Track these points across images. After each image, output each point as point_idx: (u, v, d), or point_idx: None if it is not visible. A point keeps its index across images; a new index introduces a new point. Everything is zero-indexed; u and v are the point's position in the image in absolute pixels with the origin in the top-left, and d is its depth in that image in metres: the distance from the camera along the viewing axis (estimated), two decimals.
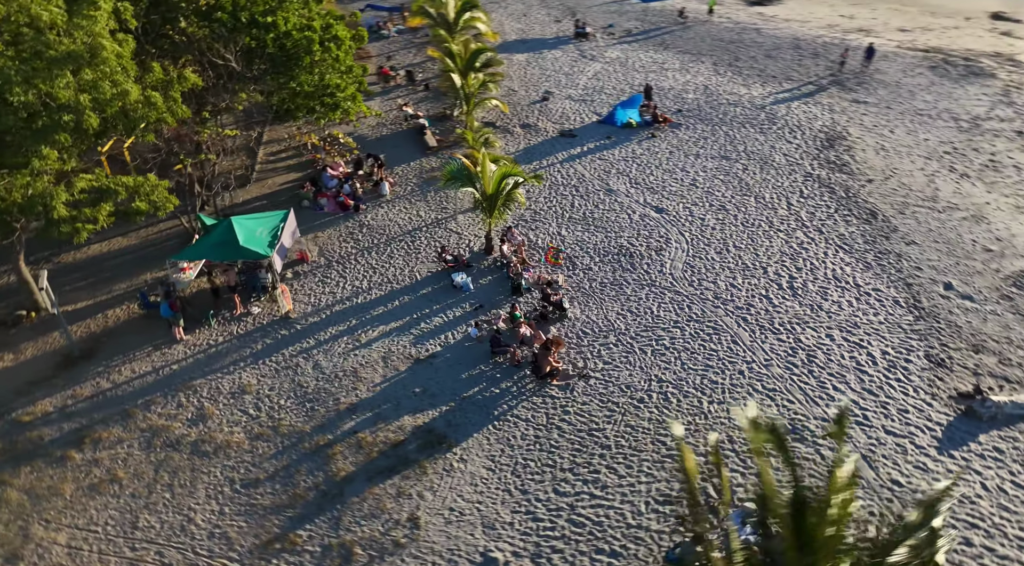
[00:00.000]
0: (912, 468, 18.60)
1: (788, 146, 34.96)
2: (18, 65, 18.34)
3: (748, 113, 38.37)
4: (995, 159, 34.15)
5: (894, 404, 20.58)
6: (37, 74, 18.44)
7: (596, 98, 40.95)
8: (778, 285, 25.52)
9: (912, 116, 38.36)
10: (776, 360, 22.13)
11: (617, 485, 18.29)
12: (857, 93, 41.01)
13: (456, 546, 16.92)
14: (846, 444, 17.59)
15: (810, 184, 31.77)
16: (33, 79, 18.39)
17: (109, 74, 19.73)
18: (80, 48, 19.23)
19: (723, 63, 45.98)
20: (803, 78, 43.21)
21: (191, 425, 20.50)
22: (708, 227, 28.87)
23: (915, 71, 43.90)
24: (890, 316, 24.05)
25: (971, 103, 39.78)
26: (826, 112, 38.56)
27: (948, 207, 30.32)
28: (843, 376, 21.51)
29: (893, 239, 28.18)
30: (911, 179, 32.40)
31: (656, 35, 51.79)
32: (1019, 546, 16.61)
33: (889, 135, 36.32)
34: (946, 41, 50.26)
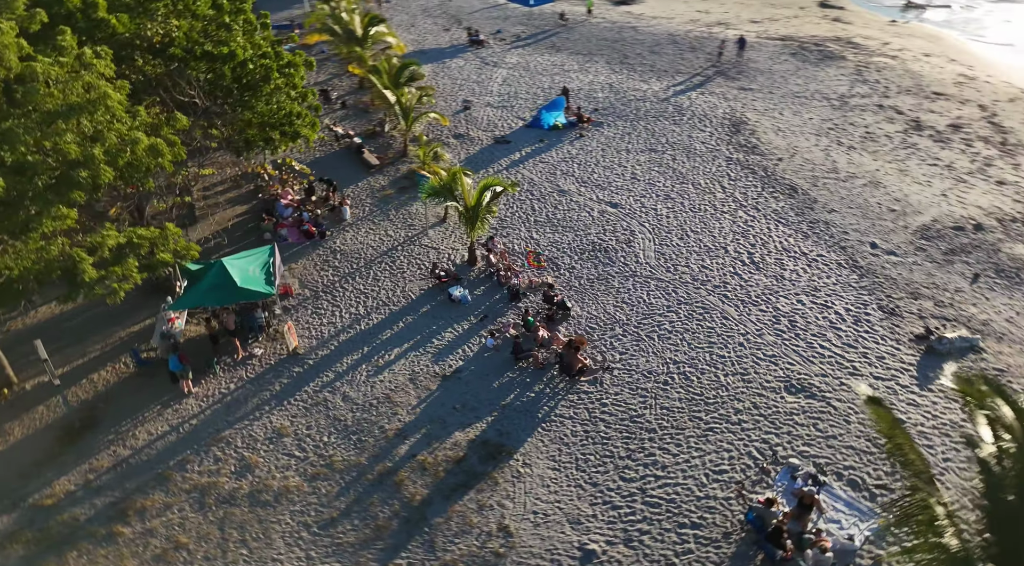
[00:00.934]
0: (907, 406, 21.08)
1: (703, 135, 37.52)
2: (24, 122, 16.55)
3: (657, 107, 40.68)
4: (869, 131, 38.37)
5: (872, 353, 23.11)
6: (41, 130, 16.73)
7: (514, 103, 41.81)
8: (741, 262, 27.66)
9: (792, 98, 42.21)
10: (765, 329, 24.14)
11: (674, 463, 19.44)
12: (740, 81, 44.47)
13: (552, 546, 17.41)
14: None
15: (733, 167, 34.38)
16: (38, 136, 16.67)
17: (114, 122, 18.21)
18: (80, 98, 17.62)
19: (615, 61, 48.22)
20: (690, 70, 46.23)
21: (238, 477, 19.51)
22: (662, 216, 30.63)
23: (780, 58, 48.14)
24: (839, 277, 26.78)
25: (834, 83, 44.28)
26: (722, 101, 41.60)
27: (849, 176, 33.86)
28: (824, 335, 23.84)
29: (816, 209, 31.19)
30: (811, 154, 35.82)
31: (544, 38, 53.33)
32: None
33: (780, 117, 39.82)
34: (792, 29, 55.32)
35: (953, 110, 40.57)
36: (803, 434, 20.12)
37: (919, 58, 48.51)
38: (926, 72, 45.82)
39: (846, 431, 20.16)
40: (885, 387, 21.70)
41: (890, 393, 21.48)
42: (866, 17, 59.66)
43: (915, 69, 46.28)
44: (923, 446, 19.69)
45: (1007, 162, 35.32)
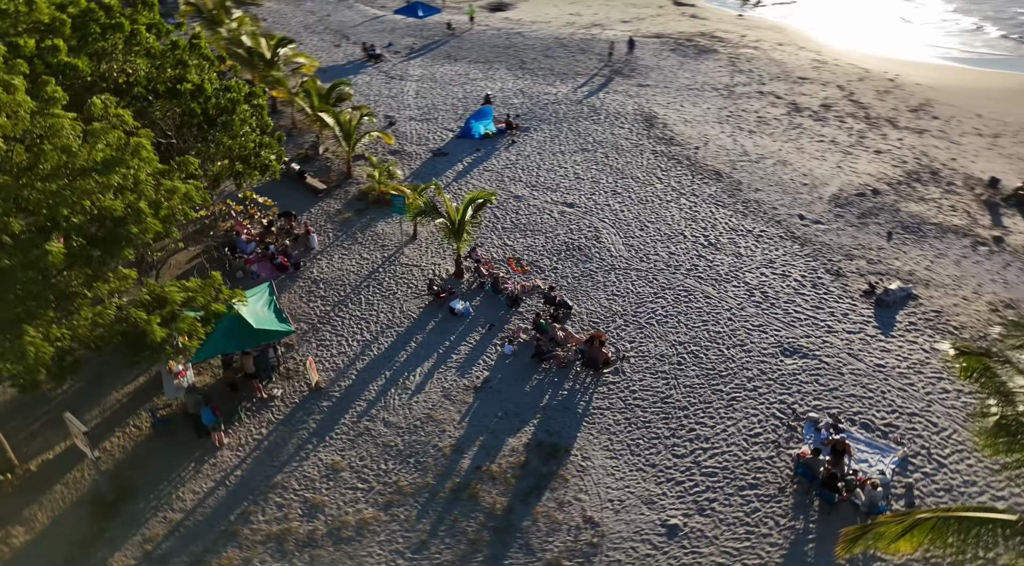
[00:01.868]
0: (880, 352, 23.93)
1: (623, 131, 39.60)
2: (64, 182, 15.00)
3: (573, 109, 42.34)
4: (760, 116, 42.14)
5: (836, 311, 25.92)
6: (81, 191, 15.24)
7: (436, 115, 41.94)
8: (701, 244, 29.82)
9: (686, 91, 45.39)
10: (744, 302, 26.35)
11: (715, 434, 21.02)
12: (636, 79, 47.14)
13: (638, 528, 18.42)
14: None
15: (661, 159, 36.68)
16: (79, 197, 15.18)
17: (148, 173, 16.86)
18: (113, 151, 16.19)
19: (515, 67, 49.45)
20: (587, 72, 48.35)
21: (310, 519, 18.89)
22: (617, 211, 32.26)
23: (663, 55, 51.43)
24: (785, 249, 29.60)
25: (716, 75, 48.04)
26: (628, 98, 43.97)
27: (759, 158, 37.16)
28: (794, 301, 26.39)
29: (744, 190, 34.07)
30: (721, 141, 38.88)
31: (436, 48, 53.58)
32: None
33: (682, 109, 42.76)
34: (660, 27, 59.13)
35: (819, 92, 45.30)
36: (810, 390, 22.37)
37: (776, 47, 53.50)
38: (787, 60, 50.68)
39: (843, 382, 22.64)
40: (859, 339, 24.47)
41: (864, 343, 24.26)
42: (717, 13, 64.73)
43: (777, 58, 51.06)
44: (904, 384, 22.54)
45: (876, 133, 40.10)
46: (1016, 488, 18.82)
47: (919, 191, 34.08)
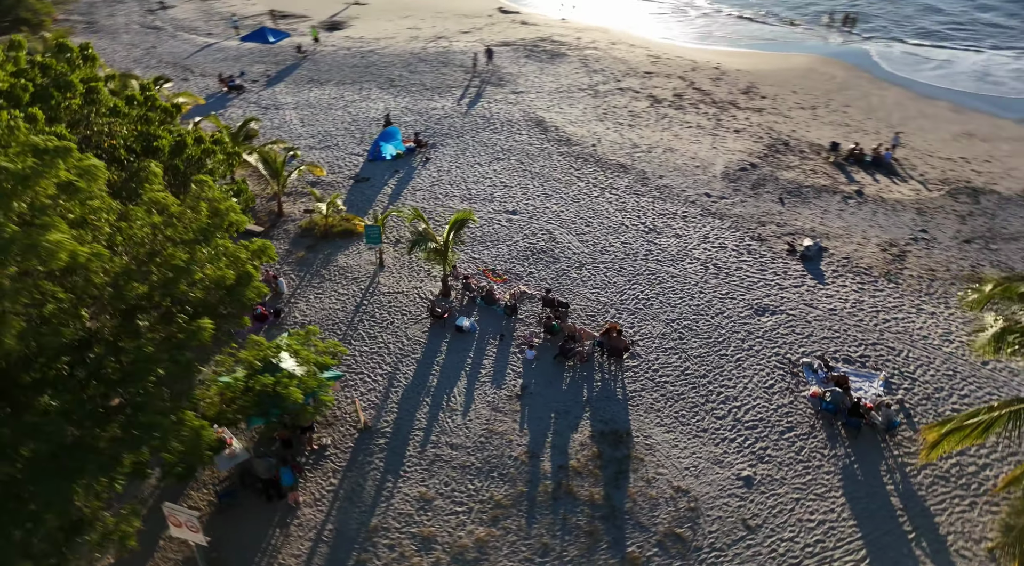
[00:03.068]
0: (826, 298, 28.13)
1: (523, 137, 41.44)
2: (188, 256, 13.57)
3: (467, 121, 43.38)
4: (630, 110, 46.06)
5: (777, 270, 29.87)
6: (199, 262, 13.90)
7: (334, 141, 40.96)
8: (643, 231, 32.58)
9: (557, 94, 48.21)
10: (704, 276, 29.46)
11: (740, 393, 23.72)
12: (508, 86, 49.14)
13: (721, 486, 20.57)
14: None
15: (569, 159, 39.05)
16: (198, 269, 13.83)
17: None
18: (208, 220, 14.81)
19: (385, 85, 49.32)
20: (459, 84, 49.50)
21: (428, 551, 18.78)
22: (556, 211, 34.07)
23: (520, 62, 53.89)
24: (710, 224, 33.27)
25: (576, 76, 51.40)
26: (510, 106, 45.83)
27: (649, 148, 40.87)
28: (741, 268, 29.97)
29: (652, 178, 37.47)
30: (610, 137, 42.11)
31: (292, 72, 51.82)
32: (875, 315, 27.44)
33: (562, 111, 45.48)
34: (502, 35, 61.59)
35: (667, 84, 50.27)
36: (792, 340, 25.88)
37: (612, 47, 58.11)
38: (627, 57, 55.37)
39: (812, 328, 26.43)
40: (806, 290, 28.52)
41: (812, 293, 28.35)
42: (543, 18, 68.48)
43: (618, 56, 55.58)
44: (856, 321, 26.81)
45: (727, 115, 45.56)
46: (985, 384, 23.49)
47: (783, 160, 39.55)
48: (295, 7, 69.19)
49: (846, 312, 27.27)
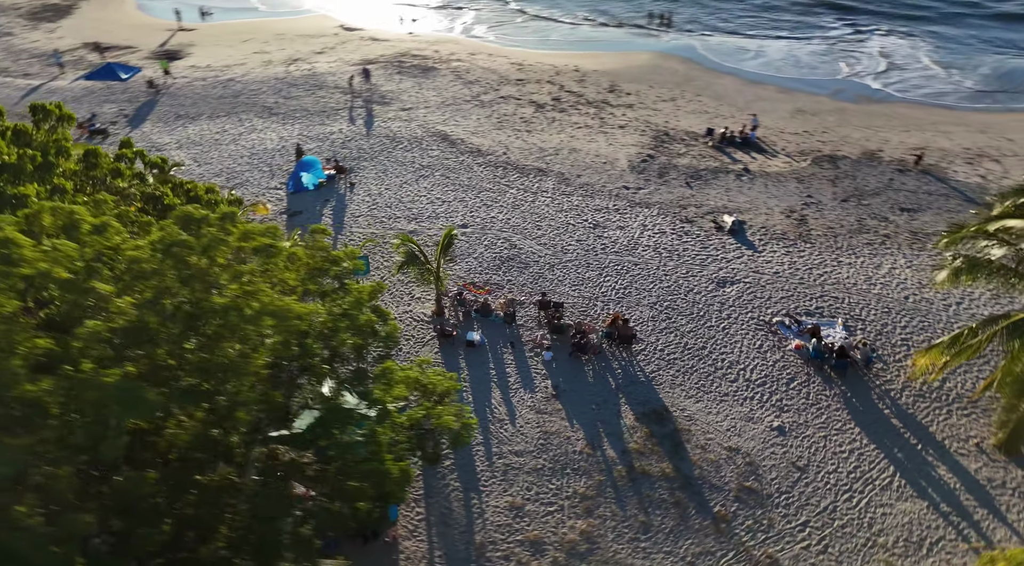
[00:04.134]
0: (766, 263, 31.95)
1: (436, 152, 41.87)
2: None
3: (372, 142, 42.88)
4: (520, 116, 48.06)
5: (716, 246, 33.32)
6: None
7: (244, 177, 38.82)
8: (589, 227, 34.66)
9: (446, 107, 49.00)
10: (661, 260, 32.14)
11: (740, 356, 26.53)
12: (395, 104, 49.08)
13: (763, 439, 23.13)
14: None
15: (490, 169, 40.19)
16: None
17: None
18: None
19: (265, 113, 47.24)
20: (343, 105, 48.62)
21: (542, 554, 19.38)
22: (504, 220, 35.13)
23: (394, 78, 53.86)
24: (643, 214, 36.16)
25: (455, 89, 52.39)
26: (407, 122, 45.93)
27: (555, 150, 43.10)
28: (686, 249, 33.05)
29: (572, 178, 39.72)
30: (516, 143, 43.79)
31: (151, 109, 48.08)
32: (795, 274, 31.91)
33: (459, 123, 46.41)
34: (359, 53, 60.92)
35: (542, 89, 52.89)
36: (758, 304, 29.26)
37: (473, 57, 59.75)
38: (495, 67, 57.29)
39: (768, 291, 30.03)
40: (748, 259, 32.17)
41: (754, 261, 32.04)
42: (392, 34, 68.39)
43: (485, 66, 57.35)
44: (798, 280, 30.82)
45: (606, 113, 49.10)
46: (914, 315, 28.17)
47: (672, 149, 43.63)
48: (116, 39, 63.19)
49: (787, 273, 31.23)
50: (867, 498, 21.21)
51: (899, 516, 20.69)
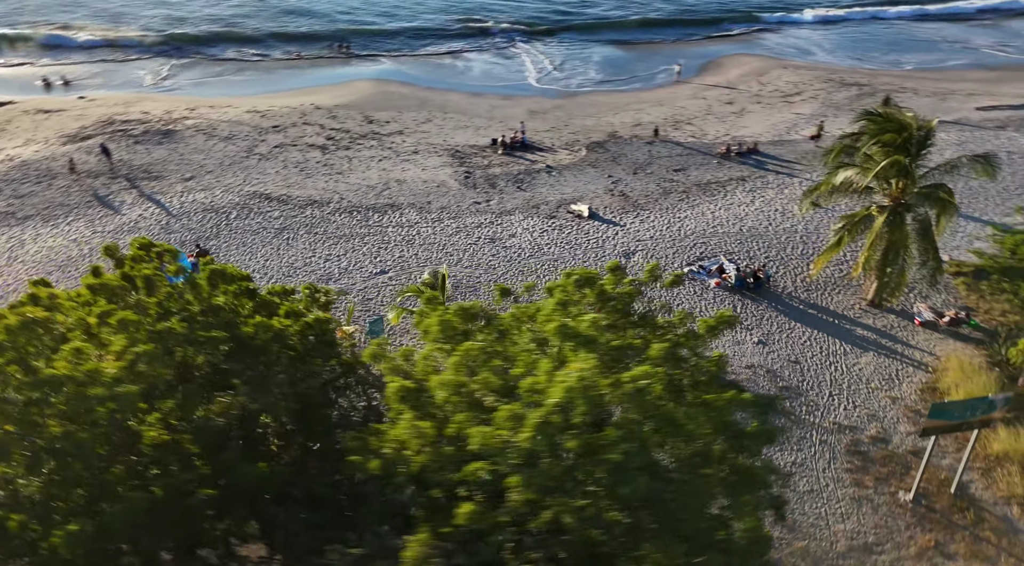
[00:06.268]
0: (639, 232, 38.63)
1: (276, 212, 39.38)
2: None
3: (194, 219, 38.45)
4: (316, 161, 47.00)
5: (592, 229, 38.88)
6: None
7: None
8: (488, 240, 37.29)
9: (231, 168, 45.31)
10: (571, 250, 36.56)
11: (693, 303, 32.61)
12: (167, 176, 43.66)
13: (757, 352, 29.63)
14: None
15: (345, 215, 39.48)
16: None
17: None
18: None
19: (14, 220, 38.28)
20: (102, 192, 41.77)
21: None
22: (413, 256, 35.61)
23: (137, 149, 47.40)
24: (514, 220, 39.92)
25: (221, 148, 48.19)
26: (210, 191, 41.79)
27: (383, 185, 43.74)
28: (575, 237, 38.01)
29: (427, 206, 41.32)
30: (340, 188, 43.19)
31: None
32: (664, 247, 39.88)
33: (264, 180, 43.68)
34: (55, 130, 51.51)
35: (309, 131, 51.66)
36: (664, 264, 35.76)
37: (210, 111, 54.84)
38: (239, 118, 53.62)
39: (662, 251, 36.75)
40: (623, 233, 38.48)
41: (628, 234, 38.46)
42: (61, 101, 58.20)
43: (230, 118, 53.02)
44: (672, 239, 38.19)
45: (388, 143, 50.66)
46: (765, 238, 37.51)
47: (475, 162, 47.70)
48: None
49: (659, 235, 38.43)
50: (843, 363, 29.32)
51: (867, 366, 29.24)
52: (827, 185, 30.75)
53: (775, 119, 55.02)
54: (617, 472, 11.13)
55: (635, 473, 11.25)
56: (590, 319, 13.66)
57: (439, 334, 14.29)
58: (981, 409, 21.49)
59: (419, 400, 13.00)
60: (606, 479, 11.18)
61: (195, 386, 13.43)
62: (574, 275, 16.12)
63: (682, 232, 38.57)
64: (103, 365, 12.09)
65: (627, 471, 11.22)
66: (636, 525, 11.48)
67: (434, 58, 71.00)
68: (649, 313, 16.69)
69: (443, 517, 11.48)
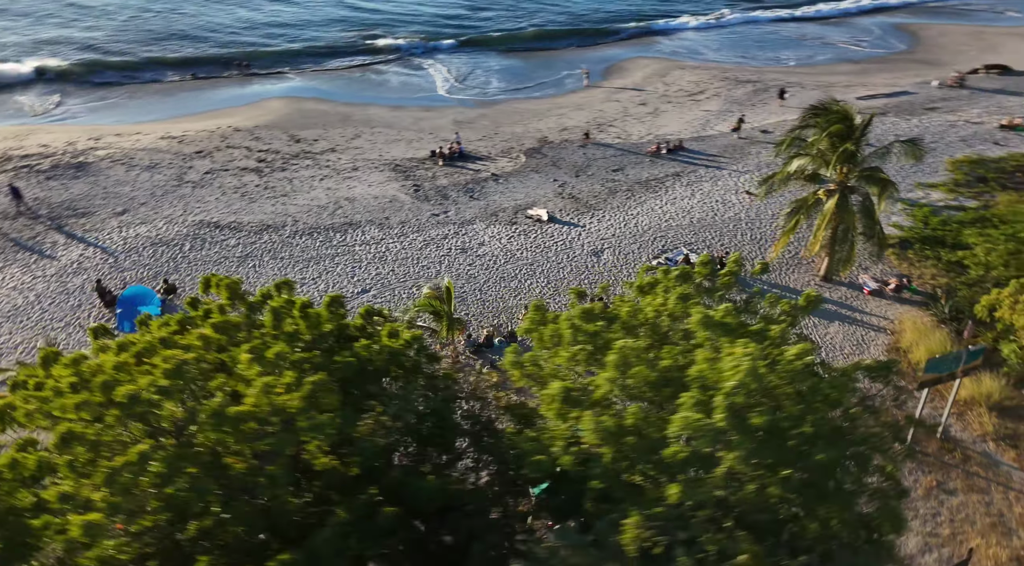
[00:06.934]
0: (601, 231, 40.17)
1: (233, 240, 37.74)
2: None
3: (146, 253, 36.12)
4: (255, 184, 45.28)
5: (556, 232, 40.00)
6: None
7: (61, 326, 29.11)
8: (461, 251, 37.50)
9: (165, 199, 42.88)
10: (544, 254, 37.47)
11: None
12: (96, 212, 40.76)
13: None
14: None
15: (307, 237, 38.43)
16: None
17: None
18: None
19: None
20: (35, 231, 38.35)
21: None
22: (390, 273, 35.23)
23: (51, 186, 43.82)
24: (477, 229, 40.35)
25: (147, 177, 45.52)
26: (147, 225, 39.26)
27: (334, 204, 42.86)
28: (545, 242, 38.96)
29: (387, 222, 40.95)
30: (290, 211, 41.95)
31: None
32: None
33: (206, 210, 41.65)
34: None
35: (235, 154, 49.67)
36: (633, 258, 37.44)
37: (119, 139, 51.34)
38: (156, 145, 50.56)
39: (628, 246, 38.42)
40: (587, 234, 39.90)
41: (591, 233, 39.92)
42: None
43: (146, 147, 50.09)
44: (630, 233, 39.96)
45: (324, 161, 49.60)
46: (718, 229, 40.00)
47: (421, 174, 47.64)
48: None
49: (620, 233, 40.13)
50: (815, 334, 31.98)
51: (836, 335, 32.07)
52: (783, 174, 33.50)
53: (689, 117, 58.50)
54: (810, 442, 12.17)
55: (822, 442, 12.35)
56: (724, 309, 14.61)
57: (571, 337, 14.77)
58: (965, 360, 24.40)
59: (578, 399, 13.46)
60: (797, 450, 12.18)
61: (351, 410, 13.17)
62: (672, 272, 17.01)
63: (639, 228, 40.47)
64: (284, 399, 11.73)
65: (817, 440, 12.29)
66: (823, 489, 12.59)
67: (343, 72, 70.01)
68: (751, 300, 17.83)
69: (646, 500, 12.06)
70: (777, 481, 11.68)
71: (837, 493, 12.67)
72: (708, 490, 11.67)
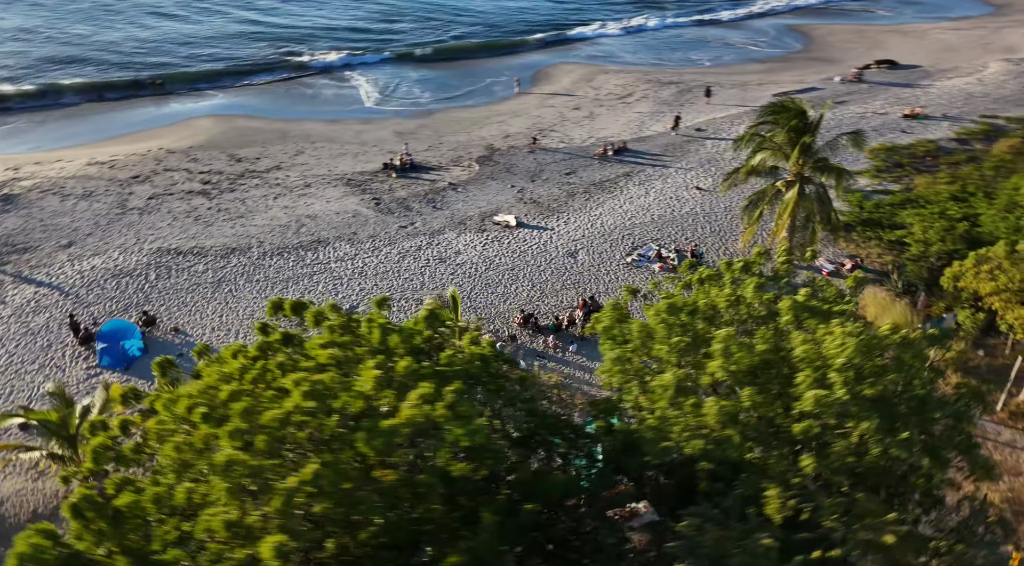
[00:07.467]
0: (572, 232, 41.09)
1: (200, 266, 36.22)
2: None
3: (121, 282, 34.03)
4: (209, 208, 43.48)
5: (528, 236, 40.64)
6: None
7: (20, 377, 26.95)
8: (439, 261, 37.44)
9: (111, 226, 40.53)
10: (523, 258, 37.94)
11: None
12: (39, 246, 38.13)
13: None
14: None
15: (278, 257, 37.34)
16: None
17: None
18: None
19: None
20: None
21: None
22: (372, 288, 34.74)
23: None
24: (450, 237, 40.39)
25: (86, 206, 42.71)
26: (101, 257, 37.11)
27: (296, 223, 41.78)
28: (520, 247, 39.44)
29: (355, 238, 40.29)
30: (250, 231, 40.60)
31: None
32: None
33: (162, 236, 39.69)
34: None
35: (177, 177, 47.39)
36: (607, 257, 38.54)
37: (44, 167, 47.83)
38: (87, 172, 47.44)
39: (600, 246, 39.48)
40: (558, 235, 40.69)
41: (562, 235, 40.77)
42: None
43: (66, 176, 46.96)
44: (599, 233, 41.09)
45: (273, 179, 48.17)
46: (685, 223, 41.68)
47: (376, 188, 47.06)
48: None
49: (588, 233, 41.18)
50: None
51: None
52: (746, 168, 35.50)
53: (624, 119, 60.53)
54: (921, 404, 13.30)
55: (932, 403, 13.52)
56: (805, 293, 15.60)
57: (666, 332, 15.35)
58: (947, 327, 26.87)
59: (690, 388, 14.06)
60: (911, 413, 13.29)
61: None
62: (735, 265, 17.90)
63: (606, 228, 41.67)
64: (427, 409, 11.69)
65: (925, 402, 13.43)
66: (941, 444, 13.79)
67: (265, 87, 68.00)
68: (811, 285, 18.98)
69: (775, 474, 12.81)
70: (897, 443, 12.74)
71: (953, 446, 13.97)
72: (839, 457, 12.59)
